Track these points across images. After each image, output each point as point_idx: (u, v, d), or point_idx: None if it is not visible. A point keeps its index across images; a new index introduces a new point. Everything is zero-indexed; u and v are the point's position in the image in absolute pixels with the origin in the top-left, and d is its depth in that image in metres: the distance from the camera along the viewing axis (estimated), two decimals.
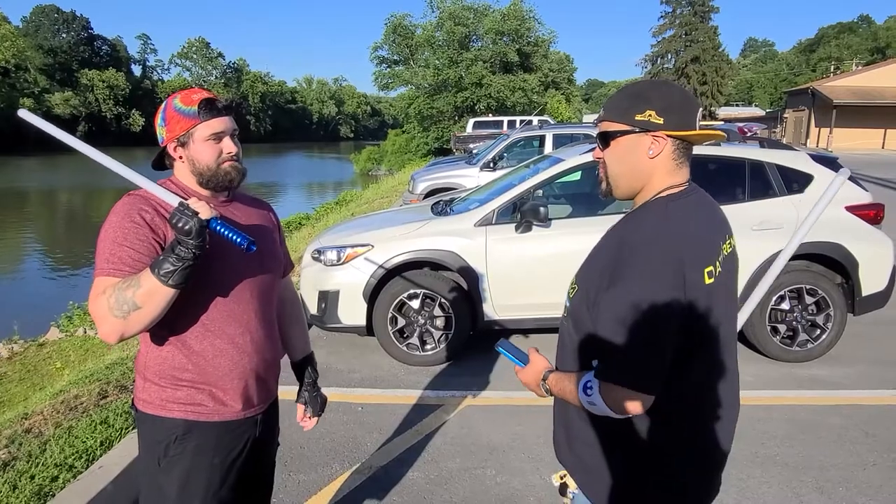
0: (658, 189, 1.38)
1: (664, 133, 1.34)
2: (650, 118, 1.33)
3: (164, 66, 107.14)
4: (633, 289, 1.26)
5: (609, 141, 1.40)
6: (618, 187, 1.43)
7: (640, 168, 1.38)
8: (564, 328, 1.49)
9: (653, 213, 1.36)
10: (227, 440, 1.66)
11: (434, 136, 35.30)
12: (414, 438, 3.54)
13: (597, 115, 1.56)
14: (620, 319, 1.27)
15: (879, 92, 35.68)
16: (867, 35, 76.33)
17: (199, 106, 1.58)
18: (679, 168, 1.39)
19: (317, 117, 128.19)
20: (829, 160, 4.90)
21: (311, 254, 4.88)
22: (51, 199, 31.26)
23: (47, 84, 77.97)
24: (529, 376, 1.52)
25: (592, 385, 1.31)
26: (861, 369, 4.50)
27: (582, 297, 1.39)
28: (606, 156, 1.42)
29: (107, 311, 1.42)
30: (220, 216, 1.43)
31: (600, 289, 1.32)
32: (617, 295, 1.27)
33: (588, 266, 1.44)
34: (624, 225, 1.40)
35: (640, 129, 1.35)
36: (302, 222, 14.16)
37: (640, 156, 1.37)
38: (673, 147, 1.36)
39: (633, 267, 1.27)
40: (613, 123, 1.39)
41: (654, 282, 1.26)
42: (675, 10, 56.05)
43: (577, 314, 1.40)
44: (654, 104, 1.34)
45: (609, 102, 1.43)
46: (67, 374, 5.14)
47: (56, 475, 2.89)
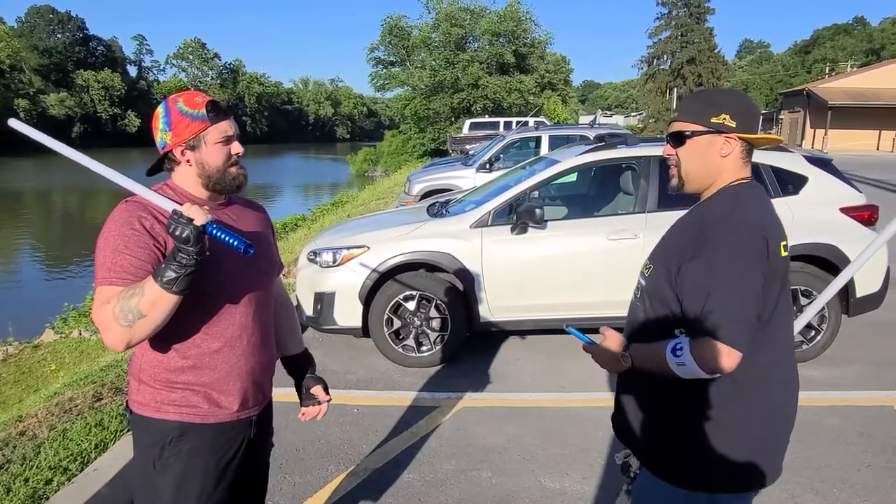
0: (729, 181, 1.56)
1: (735, 135, 1.53)
2: (724, 121, 1.52)
3: (160, 66, 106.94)
4: (721, 253, 1.42)
5: (684, 140, 1.57)
6: (690, 182, 1.60)
7: (713, 165, 1.56)
8: (639, 307, 1.62)
9: (728, 195, 1.54)
10: (222, 442, 1.66)
11: (430, 137, 35.29)
12: (409, 440, 3.54)
13: (592, 117, 1.64)
14: (709, 283, 1.41)
15: (874, 93, 35.83)
16: (862, 37, 76.58)
17: (206, 108, 1.57)
18: (745, 166, 1.58)
19: (313, 118, 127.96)
20: (823, 161, 4.92)
21: (307, 255, 4.87)
22: (45, 200, 31.16)
23: (42, 85, 77.68)
24: (604, 351, 1.59)
25: (683, 345, 1.42)
26: (856, 370, 4.51)
27: (660, 274, 1.54)
28: (680, 153, 1.59)
29: (112, 320, 1.42)
30: (216, 220, 1.43)
31: (682, 260, 1.47)
32: (705, 261, 1.43)
33: (664, 247, 1.60)
34: (698, 209, 1.58)
35: (715, 130, 1.53)
36: (298, 224, 14.16)
37: (714, 154, 1.55)
38: (741, 148, 1.55)
39: (717, 235, 1.44)
40: (690, 124, 1.56)
41: (740, 246, 1.42)
42: (670, 11, 56.05)
43: (656, 290, 1.55)
44: (728, 109, 1.52)
45: (685, 105, 1.62)
46: (62, 377, 5.13)
47: (50, 478, 2.88)
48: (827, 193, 4.69)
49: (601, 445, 3.43)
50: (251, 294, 1.67)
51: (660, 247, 1.63)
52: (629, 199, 4.86)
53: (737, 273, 1.40)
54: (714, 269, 1.41)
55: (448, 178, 11.16)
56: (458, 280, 4.56)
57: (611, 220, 4.71)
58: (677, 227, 1.62)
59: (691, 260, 1.45)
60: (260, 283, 1.71)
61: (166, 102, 1.61)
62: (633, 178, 4.83)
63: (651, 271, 1.59)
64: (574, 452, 3.37)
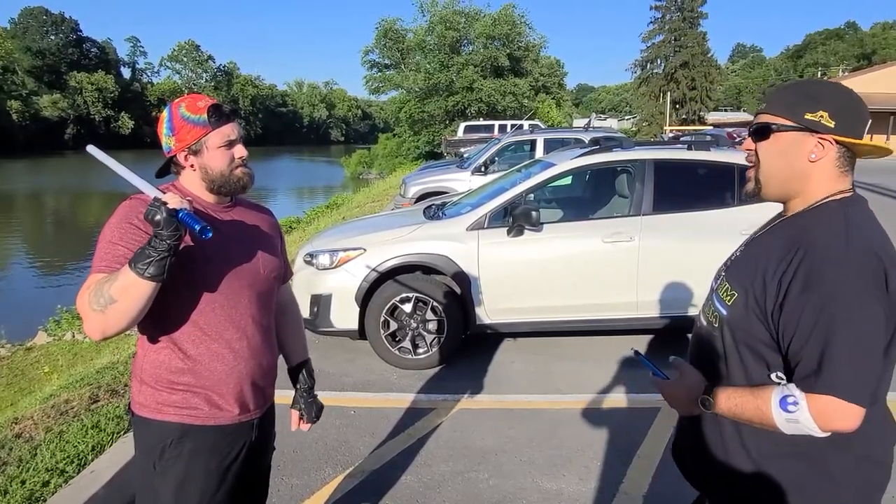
0: (824, 194, 1.31)
1: (832, 137, 1.27)
2: (822, 119, 1.26)
3: (154, 68, 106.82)
4: (842, 290, 1.17)
5: (768, 134, 1.32)
6: (768, 186, 1.36)
7: (798, 169, 1.31)
8: (715, 338, 1.38)
9: (835, 215, 1.27)
10: (224, 444, 1.66)
11: (425, 139, 35.34)
12: (406, 442, 3.55)
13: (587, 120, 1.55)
14: (826, 326, 1.17)
15: (866, 98, 34.35)
16: (854, 41, 77.25)
17: (208, 113, 1.58)
18: (843, 175, 1.32)
19: (307, 121, 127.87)
20: None
21: (303, 257, 4.88)
22: (38, 202, 31.01)
23: (35, 86, 77.40)
24: (680, 391, 1.38)
25: (798, 400, 1.19)
26: None
27: (749, 306, 1.28)
28: (760, 149, 1.34)
29: (86, 305, 1.43)
30: (192, 210, 1.42)
31: (786, 293, 1.22)
32: (819, 299, 1.17)
33: (748, 270, 1.33)
34: (793, 227, 1.31)
35: (808, 129, 1.28)
36: (292, 226, 14.13)
37: (801, 157, 1.30)
38: (838, 153, 1.30)
39: (834, 267, 1.18)
40: (778, 118, 1.31)
41: (861, 282, 1.17)
42: (664, 15, 56.40)
43: (741, 323, 1.30)
44: (828, 105, 1.27)
45: (776, 95, 1.36)
46: (56, 379, 5.11)
47: (47, 480, 2.87)
48: None
49: (598, 446, 3.45)
50: (253, 297, 1.68)
51: (742, 267, 1.37)
52: (624, 202, 4.89)
53: (861, 315, 1.16)
54: (832, 307, 1.16)
55: (443, 180, 11.18)
56: (455, 282, 4.58)
57: (606, 223, 4.73)
58: (762, 244, 1.36)
59: (799, 294, 1.20)
60: (262, 286, 1.71)
61: (170, 107, 1.62)
62: (629, 181, 4.86)
63: (735, 299, 1.32)
64: (570, 454, 3.38)
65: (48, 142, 73.74)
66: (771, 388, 1.24)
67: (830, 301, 1.17)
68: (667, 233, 4.54)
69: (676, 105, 55.41)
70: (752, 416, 1.25)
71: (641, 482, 3.09)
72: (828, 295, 1.17)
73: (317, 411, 1.97)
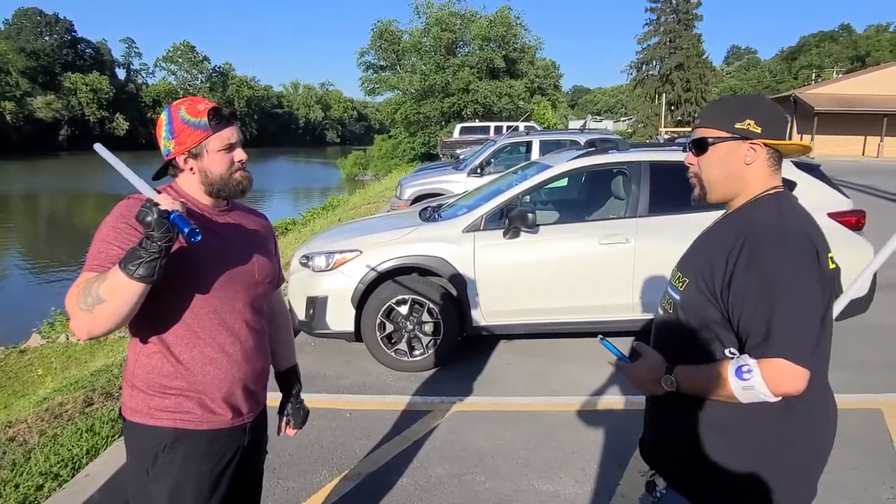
0: (759, 191, 1.48)
1: (761, 141, 1.45)
2: (749, 127, 1.44)
3: (149, 69, 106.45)
4: (778, 262, 1.32)
5: (706, 147, 1.49)
6: (712, 191, 1.52)
7: (737, 173, 1.48)
8: (672, 322, 1.50)
9: (768, 205, 1.45)
10: (217, 448, 1.65)
11: (421, 141, 35.32)
12: (402, 444, 3.54)
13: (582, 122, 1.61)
14: (770, 296, 1.30)
15: (860, 100, 36.25)
16: (848, 43, 77.52)
17: (208, 116, 1.57)
18: (774, 173, 1.49)
19: (303, 122, 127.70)
20: (811, 167, 4.98)
21: (299, 259, 4.87)
22: (33, 203, 30.88)
23: (29, 87, 77.00)
24: (643, 372, 1.49)
25: (751, 367, 1.30)
26: (843, 374, 4.54)
27: (699, 288, 1.42)
28: (702, 161, 1.51)
29: (74, 303, 1.42)
30: (185, 212, 1.41)
31: (732, 272, 1.35)
32: (760, 272, 1.32)
33: (697, 257, 1.50)
34: (735, 219, 1.48)
35: (740, 137, 1.45)
36: (288, 227, 14.11)
37: (737, 162, 1.47)
38: (767, 155, 1.47)
39: (769, 243, 1.34)
40: (713, 130, 1.48)
41: (797, 258, 1.33)
42: (659, 17, 56.54)
43: (694, 305, 1.44)
44: (753, 114, 1.44)
45: (708, 111, 1.53)
46: (50, 382, 5.09)
47: (41, 484, 2.86)
48: (815, 198, 4.73)
49: (594, 448, 3.45)
50: (246, 301, 1.67)
51: (691, 257, 1.54)
52: (620, 204, 4.89)
53: (798, 283, 1.30)
54: (773, 281, 1.30)
55: (439, 182, 11.18)
56: (451, 284, 4.57)
57: (602, 225, 4.74)
58: (709, 236, 1.53)
59: (744, 272, 1.33)
60: (256, 290, 1.71)
61: (169, 110, 1.61)
62: (625, 182, 4.87)
63: (686, 285, 1.47)
64: (567, 456, 3.38)
65: (42, 143, 73.42)
66: (727, 361, 1.36)
67: (772, 275, 1.31)
68: (662, 234, 4.55)
69: (672, 107, 55.53)
70: (711, 390, 1.37)
71: (638, 484, 3.09)
72: (769, 270, 1.32)
73: (303, 416, 1.97)
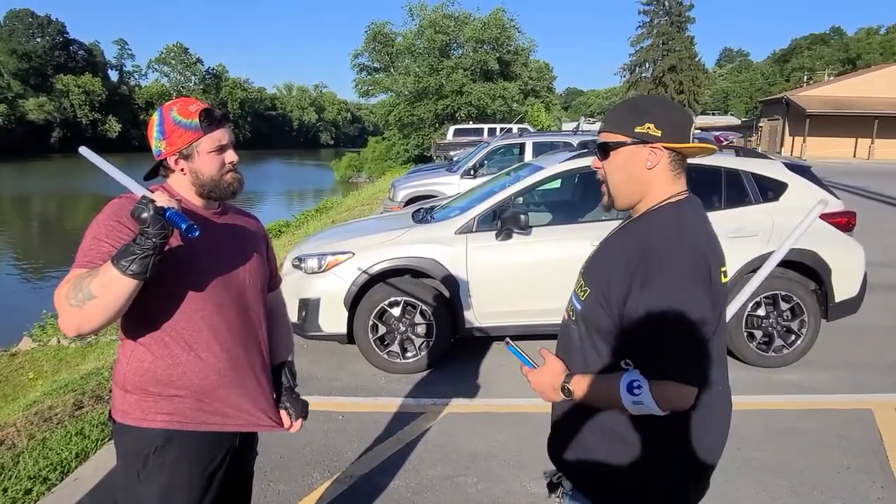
0: (662, 197, 1.45)
1: (661, 145, 1.41)
2: (648, 130, 1.41)
3: (142, 71, 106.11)
4: (673, 287, 1.32)
5: (609, 152, 1.46)
6: (618, 197, 1.49)
7: (639, 178, 1.45)
8: (573, 330, 1.50)
9: (668, 216, 1.43)
10: (208, 451, 1.64)
11: (414, 143, 35.31)
12: (395, 446, 3.53)
13: (575, 124, 1.61)
14: (664, 317, 1.31)
15: (851, 102, 36.50)
16: (839, 46, 78.09)
17: (200, 118, 1.57)
18: (677, 178, 1.46)
19: (297, 124, 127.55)
20: (802, 168, 5.01)
21: (291, 261, 4.85)
22: (24, 206, 30.70)
23: (21, 89, 76.62)
24: (545, 378, 1.49)
25: (641, 385, 1.32)
26: (834, 374, 4.58)
27: (598, 302, 1.42)
28: (606, 166, 1.48)
29: (63, 299, 1.40)
30: (181, 210, 1.40)
31: (628, 291, 1.35)
32: (655, 294, 1.32)
33: (598, 269, 1.48)
34: (635, 229, 1.46)
35: (639, 141, 1.42)
36: (282, 230, 14.08)
37: (639, 166, 1.44)
38: (669, 158, 1.44)
39: (666, 266, 1.33)
40: (613, 135, 1.45)
41: (689, 278, 1.33)
42: (652, 20, 56.86)
43: (592, 316, 1.44)
44: (652, 117, 1.41)
45: (609, 115, 1.49)
46: (40, 385, 5.05)
47: (30, 488, 2.84)
48: (806, 200, 4.76)
49: None
50: (240, 303, 1.66)
51: (594, 268, 1.50)
52: None
53: (688, 306, 1.31)
54: (665, 304, 1.31)
55: (432, 184, 11.19)
56: (443, 286, 4.57)
57: (595, 226, 4.74)
58: (613, 247, 1.50)
59: (640, 290, 1.33)
60: (249, 291, 1.70)
61: (161, 111, 1.61)
62: None
63: (587, 295, 1.46)
64: None
65: (34, 145, 73.07)
66: (619, 374, 1.37)
67: (663, 298, 1.31)
68: None
69: None
70: (604, 401, 1.39)
71: None
72: (661, 293, 1.32)
73: (303, 408, 1.93)
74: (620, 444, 1.43)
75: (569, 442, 1.52)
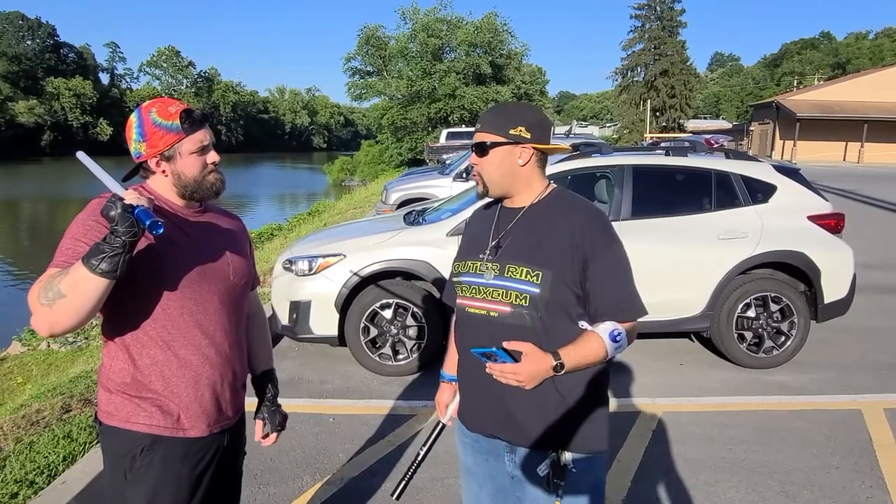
0: (542, 187, 1.71)
1: (530, 145, 1.64)
2: (521, 132, 1.63)
3: (134, 74, 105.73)
4: (620, 245, 1.64)
5: (486, 150, 1.66)
6: (494, 188, 1.69)
7: (514, 173, 1.67)
8: (523, 316, 1.61)
9: (569, 197, 1.72)
10: (195, 451, 1.63)
11: (407, 146, 35.28)
12: (386, 449, 3.52)
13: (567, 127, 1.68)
14: (623, 272, 1.63)
15: (840, 106, 36.81)
16: (828, 51, 78.71)
17: (180, 119, 1.54)
18: (542, 172, 1.72)
19: (289, 127, 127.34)
20: (791, 171, 5.05)
21: (282, 264, 4.84)
22: (14, 209, 30.45)
23: (11, 92, 76.17)
24: (538, 365, 1.53)
25: (621, 331, 1.59)
26: (824, 375, 4.60)
27: (558, 279, 1.58)
28: (483, 162, 1.67)
29: (35, 298, 1.38)
30: (151, 208, 1.37)
31: (583, 260, 1.59)
32: (614, 255, 1.62)
33: (542, 252, 1.62)
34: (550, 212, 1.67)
35: (513, 141, 1.63)
36: (274, 233, 14.03)
37: (513, 163, 1.66)
38: (537, 157, 1.68)
39: (608, 231, 1.64)
40: (491, 135, 1.65)
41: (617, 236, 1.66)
42: (644, 24, 57.10)
43: (556, 295, 1.59)
44: (524, 121, 1.64)
45: (486, 118, 1.69)
46: (29, 389, 5.00)
47: (16, 492, 2.81)
48: (795, 202, 4.80)
49: None
50: (223, 303, 1.65)
51: (531, 252, 1.63)
52: (603, 208, 4.91)
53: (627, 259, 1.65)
54: (621, 260, 1.63)
55: (425, 186, 11.18)
56: (435, 288, 4.56)
57: None
58: (539, 232, 1.65)
59: (600, 256, 1.59)
60: (232, 292, 1.69)
61: (139, 112, 1.58)
62: (608, 186, 4.89)
63: (542, 277, 1.58)
64: None
65: (24, 148, 72.62)
66: (593, 332, 1.59)
67: (617, 257, 1.62)
68: (645, 237, 4.57)
69: (657, 112, 56.02)
70: (593, 359, 1.58)
71: (621, 486, 3.10)
72: (616, 249, 1.63)
73: (280, 420, 1.92)
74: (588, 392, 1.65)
75: (550, 416, 1.63)
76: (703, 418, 3.86)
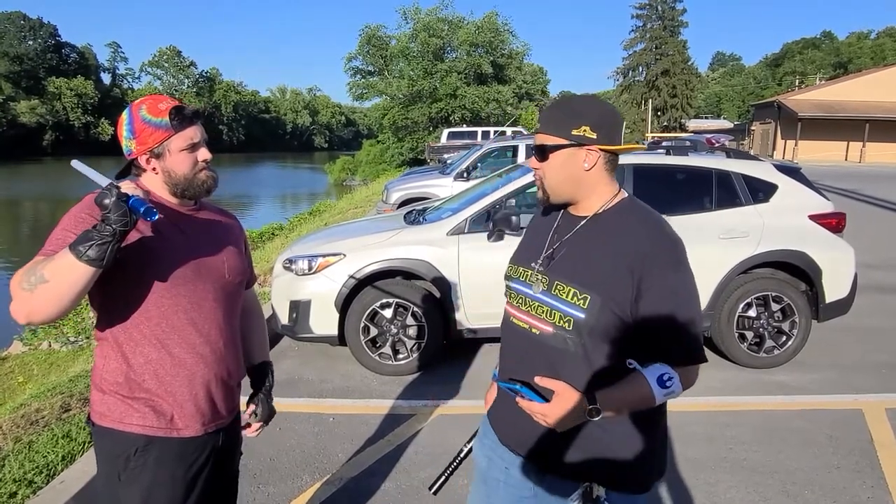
0: (610, 194, 1.51)
1: (597, 147, 1.44)
2: (585, 133, 1.43)
3: (135, 74, 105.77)
4: (686, 271, 1.42)
5: (547, 154, 1.48)
6: (556, 195, 1.52)
7: (578, 178, 1.48)
8: (565, 341, 1.44)
9: (644, 209, 1.52)
10: (190, 451, 1.62)
11: (408, 146, 35.30)
12: (386, 448, 3.51)
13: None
14: (688, 305, 1.40)
15: (842, 106, 36.73)
16: (830, 50, 78.64)
17: (170, 116, 1.53)
18: (612, 176, 1.52)
19: (290, 127, 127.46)
20: (792, 170, 5.03)
21: (282, 263, 4.83)
22: (15, 209, 30.49)
23: (13, 92, 76.27)
24: (567, 410, 1.37)
25: (672, 375, 1.37)
26: (825, 375, 4.59)
27: (606, 305, 1.39)
28: (544, 167, 1.50)
29: (16, 284, 1.36)
30: (146, 199, 1.37)
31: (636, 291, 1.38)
32: (681, 281, 1.40)
33: (593, 274, 1.43)
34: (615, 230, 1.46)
35: (577, 144, 1.44)
36: (275, 233, 14.01)
37: (577, 167, 1.47)
38: (605, 159, 1.48)
39: (673, 252, 1.42)
40: (551, 137, 1.47)
41: (690, 270, 1.44)
42: (645, 24, 57.11)
43: (603, 322, 1.40)
44: (588, 120, 1.43)
45: (546, 116, 1.50)
46: (30, 389, 5.00)
47: (14, 491, 2.80)
48: (796, 201, 4.79)
49: None
50: (218, 300, 1.64)
51: (582, 270, 1.45)
52: None
53: (696, 294, 1.43)
54: (684, 292, 1.40)
55: (426, 186, 11.18)
56: (435, 287, 4.56)
57: None
58: (597, 250, 1.46)
59: (661, 282, 1.37)
60: (227, 290, 1.68)
61: (130, 109, 1.58)
62: None
63: (590, 302, 1.40)
64: None
65: (26, 148, 72.70)
66: (639, 375, 1.39)
67: (677, 287, 1.40)
68: None
69: (658, 112, 56.01)
70: (636, 406, 1.41)
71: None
72: (677, 282, 1.40)
73: (269, 414, 1.90)
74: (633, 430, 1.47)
75: (587, 450, 1.48)
76: (703, 418, 3.85)
